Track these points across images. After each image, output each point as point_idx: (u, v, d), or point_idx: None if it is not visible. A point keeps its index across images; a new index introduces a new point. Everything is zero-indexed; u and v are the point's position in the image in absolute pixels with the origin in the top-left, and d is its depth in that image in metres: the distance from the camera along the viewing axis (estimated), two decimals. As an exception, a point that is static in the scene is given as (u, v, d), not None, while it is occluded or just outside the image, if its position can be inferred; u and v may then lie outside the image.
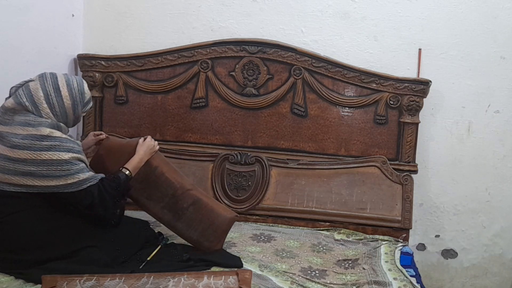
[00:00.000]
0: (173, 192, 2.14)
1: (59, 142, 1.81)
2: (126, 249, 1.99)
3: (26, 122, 1.81)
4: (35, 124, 1.81)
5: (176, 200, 2.14)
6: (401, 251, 2.29)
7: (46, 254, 1.83)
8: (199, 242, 2.13)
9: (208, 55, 2.68)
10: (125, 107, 2.76)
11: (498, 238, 2.81)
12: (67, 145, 1.83)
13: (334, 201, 2.55)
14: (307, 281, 1.94)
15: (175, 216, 2.14)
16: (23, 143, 1.77)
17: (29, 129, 1.80)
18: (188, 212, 2.13)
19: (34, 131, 1.80)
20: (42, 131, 1.80)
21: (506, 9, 2.61)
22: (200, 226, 2.13)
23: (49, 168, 1.78)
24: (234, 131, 2.70)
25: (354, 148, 2.65)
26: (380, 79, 2.59)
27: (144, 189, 2.13)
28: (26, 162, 1.77)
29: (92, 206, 1.86)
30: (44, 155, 1.77)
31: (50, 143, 1.79)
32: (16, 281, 1.77)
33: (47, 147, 1.79)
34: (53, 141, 1.80)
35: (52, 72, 1.92)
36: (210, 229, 2.13)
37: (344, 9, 2.68)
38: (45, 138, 1.79)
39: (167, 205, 2.14)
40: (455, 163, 2.75)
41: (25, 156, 1.76)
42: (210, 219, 2.14)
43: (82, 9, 2.81)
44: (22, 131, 1.79)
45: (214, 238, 2.13)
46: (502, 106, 2.69)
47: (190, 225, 2.13)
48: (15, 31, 2.31)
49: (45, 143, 1.79)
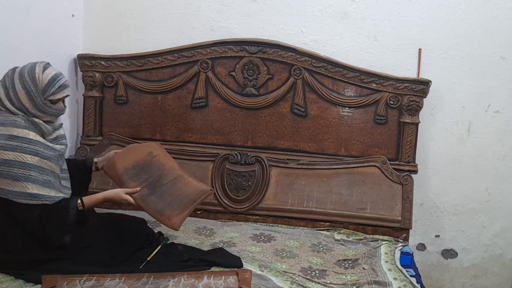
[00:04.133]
0: (159, 173, 2.06)
1: (27, 143, 1.76)
2: (126, 248, 1.99)
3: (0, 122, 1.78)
4: (7, 123, 1.78)
5: (159, 178, 2.05)
6: (401, 251, 2.29)
7: (46, 254, 1.83)
8: (161, 212, 1.97)
9: (208, 55, 2.68)
10: (125, 107, 2.76)
11: (498, 238, 2.81)
12: (35, 148, 1.78)
13: (334, 201, 2.55)
14: (307, 281, 1.94)
15: (150, 191, 2.01)
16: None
17: (1, 128, 1.77)
18: (165, 187, 2.03)
19: (4, 130, 1.77)
20: (11, 131, 1.77)
21: (506, 9, 2.61)
22: (170, 198, 2.01)
23: (10, 169, 1.73)
24: (234, 131, 2.70)
25: (354, 148, 2.65)
26: (380, 79, 2.59)
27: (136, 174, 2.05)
28: None
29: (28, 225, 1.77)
30: (8, 155, 1.73)
31: (17, 144, 1.75)
32: (16, 281, 1.77)
33: (12, 147, 1.74)
34: (21, 142, 1.76)
35: (16, 67, 1.87)
36: (178, 199, 2.01)
37: (344, 9, 2.68)
38: (13, 138, 1.76)
39: (149, 184, 2.03)
40: (455, 163, 2.75)
41: None
42: (182, 189, 2.03)
43: (82, 9, 2.81)
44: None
45: (177, 207, 1.98)
46: (502, 106, 2.69)
47: (160, 197, 2.00)
48: (16, 31, 2.31)
49: (11, 143, 1.75)
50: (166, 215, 1.96)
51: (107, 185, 2.57)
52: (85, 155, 2.68)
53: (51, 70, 1.87)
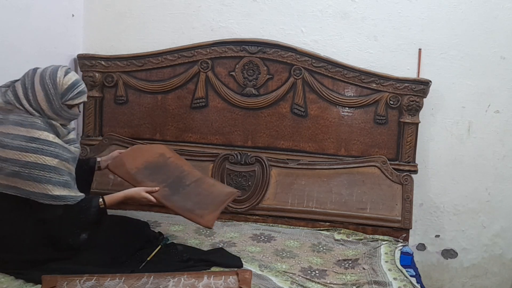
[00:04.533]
0: (178, 174, 2.12)
1: (47, 146, 1.79)
2: (126, 250, 1.99)
3: (18, 122, 1.80)
4: (27, 124, 1.80)
5: (180, 179, 2.11)
6: (401, 251, 2.29)
7: (46, 254, 1.84)
8: (191, 210, 2.01)
9: (208, 55, 2.68)
10: (125, 107, 2.76)
11: (498, 238, 2.81)
12: (55, 150, 1.80)
13: (334, 201, 2.55)
14: (307, 281, 1.94)
15: (172, 191, 2.04)
16: (12, 143, 1.76)
17: (21, 129, 1.79)
18: (189, 188, 2.09)
19: (25, 132, 1.78)
20: (32, 133, 1.79)
21: (506, 9, 2.61)
22: (198, 197, 2.07)
23: (31, 171, 1.75)
24: (234, 131, 2.70)
25: (354, 148, 2.65)
26: (380, 79, 2.59)
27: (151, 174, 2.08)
28: (11, 161, 1.75)
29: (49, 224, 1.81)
30: (29, 157, 1.75)
31: (38, 146, 1.77)
32: (16, 281, 1.77)
33: (33, 150, 1.76)
34: (42, 144, 1.78)
35: (37, 67, 1.89)
36: (208, 199, 2.08)
37: (344, 9, 2.68)
38: (34, 140, 1.78)
39: (169, 184, 2.06)
40: (455, 163, 2.75)
41: (12, 156, 1.75)
42: (210, 190, 2.09)
43: (82, 9, 2.81)
44: (14, 130, 1.78)
45: (208, 206, 2.04)
46: (502, 106, 2.69)
47: (187, 197, 2.05)
48: (16, 31, 2.31)
49: (32, 145, 1.77)
50: (198, 213, 2.01)
51: (107, 185, 2.58)
52: (85, 155, 2.67)
53: (73, 75, 1.91)
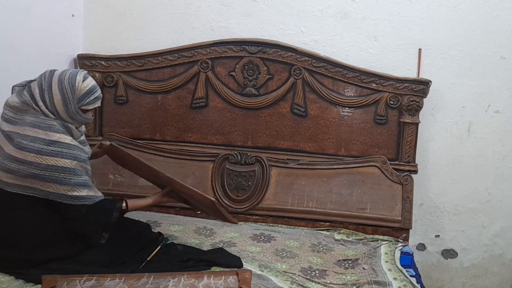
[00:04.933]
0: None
1: (66, 148, 1.81)
2: (127, 251, 1.99)
3: (36, 123, 1.81)
4: (44, 126, 1.81)
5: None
6: (401, 251, 2.29)
7: (46, 254, 1.84)
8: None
9: (208, 55, 2.68)
10: (125, 107, 2.76)
11: (498, 238, 2.81)
12: (73, 152, 1.83)
13: (334, 201, 2.55)
14: (307, 281, 1.94)
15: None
16: (31, 146, 1.78)
17: (38, 131, 1.80)
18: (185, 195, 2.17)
19: (43, 134, 1.80)
20: (51, 136, 1.80)
21: (506, 9, 2.60)
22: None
23: (52, 173, 1.78)
24: (234, 131, 2.70)
25: (354, 148, 2.64)
26: (380, 79, 2.59)
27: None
28: (31, 164, 1.77)
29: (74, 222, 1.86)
30: (49, 161, 1.78)
31: (57, 149, 1.80)
32: (16, 281, 1.77)
33: (54, 153, 1.79)
34: (61, 147, 1.80)
35: (54, 69, 1.90)
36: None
37: (344, 9, 2.68)
38: (53, 143, 1.80)
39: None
40: (455, 163, 2.75)
41: (31, 159, 1.77)
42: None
43: (82, 9, 2.81)
44: (32, 132, 1.80)
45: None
46: (502, 106, 2.69)
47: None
48: (15, 31, 2.31)
49: (52, 148, 1.79)
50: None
51: (107, 185, 2.59)
52: (85, 155, 2.68)
53: (91, 81, 1.93)
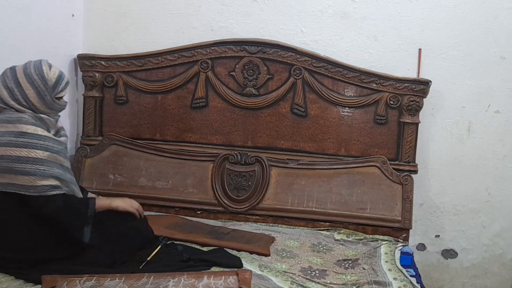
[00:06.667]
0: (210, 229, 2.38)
1: (36, 139, 1.80)
2: (126, 250, 1.99)
3: (5, 119, 1.81)
4: (14, 120, 1.80)
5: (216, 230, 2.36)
6: (401, 251, 2.29)
7: (46, 254, 1.83)
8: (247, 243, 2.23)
9: (208, 55, 2.68)
10: (125, 107, 2.76)
11: (498, 238, 2.81)
12: (45, 143, 1.81)
13: (334, 201, 2.55)
14: (307, 281, 1.94)
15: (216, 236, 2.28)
16: (1, 140, 1.77)
17: (8, 126, 1.79)
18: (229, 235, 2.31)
19: (12, 127, 1.79)
20: (20, 128, 1.79)
21: (506, 9, 2.61)
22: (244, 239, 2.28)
23: (23, 166, 1.76)
24: (234, 131, 2.70)
25: (354, 148, 2.65)
26: (380, 79, 2.59)
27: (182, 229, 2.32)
28: (3, 158, 1.76)
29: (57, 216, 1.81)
30: (21, 152, 1.76)
31: (27, 140, 1.78)
32: (16, 281, 1.77)
33: (23, 144, 1.77)
34: (31, 138, 1.79)
35: (12, 67, 1.89)
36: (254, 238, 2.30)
37: (344, 9, 2.68)
38: (22, 134, 1.78)
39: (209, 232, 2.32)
40: (455, 163, 2.75)
41: (3, 153, 1.76)
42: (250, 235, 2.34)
43: (82, 9, 2.81)
44: (2, 128, 1.79)
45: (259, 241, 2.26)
46: (502, 106, 2.69)
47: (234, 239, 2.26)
48: (15, 31, 2.31)
49: (21, 139, 1.77)
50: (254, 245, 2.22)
51: (107, 185, 2.59)
52: (85, 155, 2.68)
53: (56, 68, 1.93)
